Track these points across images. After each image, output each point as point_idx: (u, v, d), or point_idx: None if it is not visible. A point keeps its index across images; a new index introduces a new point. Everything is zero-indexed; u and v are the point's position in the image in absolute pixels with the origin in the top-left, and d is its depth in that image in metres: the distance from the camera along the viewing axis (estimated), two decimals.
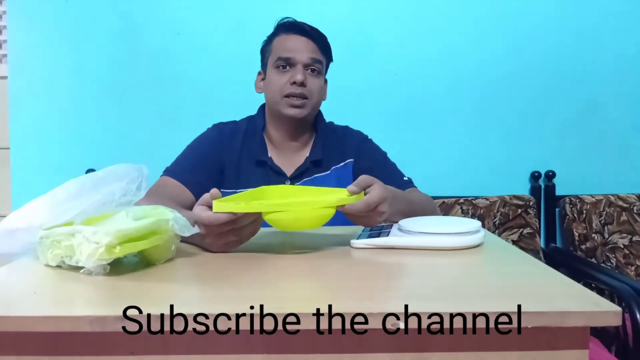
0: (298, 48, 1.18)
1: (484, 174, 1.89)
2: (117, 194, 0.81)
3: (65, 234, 0.71)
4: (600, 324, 0.54)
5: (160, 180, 1.17)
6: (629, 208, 1.80)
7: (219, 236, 0.79)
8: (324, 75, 1.26)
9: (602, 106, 1.90)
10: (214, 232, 0.79)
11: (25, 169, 1.88)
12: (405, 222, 0.90)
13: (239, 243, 0.83)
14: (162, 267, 0.76)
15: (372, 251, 0.84)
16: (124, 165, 0.86)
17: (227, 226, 0.78)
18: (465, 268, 0.77)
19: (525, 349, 0.57)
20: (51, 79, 1.88)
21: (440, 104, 1.89)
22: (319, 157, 1.23)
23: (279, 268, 0.77)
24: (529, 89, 1.89)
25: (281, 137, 1.25)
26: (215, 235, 0.79)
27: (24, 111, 1.88)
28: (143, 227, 0.73)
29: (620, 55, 1.88)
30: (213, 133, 1.25)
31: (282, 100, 1.18)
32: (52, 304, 0.63)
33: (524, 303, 0.54)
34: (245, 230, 0.81)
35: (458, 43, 1.88)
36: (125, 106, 1.89)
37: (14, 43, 1.88)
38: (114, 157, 1.78)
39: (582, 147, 1.90)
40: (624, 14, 1.88)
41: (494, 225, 1.78)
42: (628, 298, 1.24)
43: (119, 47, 1.88)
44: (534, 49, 1.88)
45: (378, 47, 1.88)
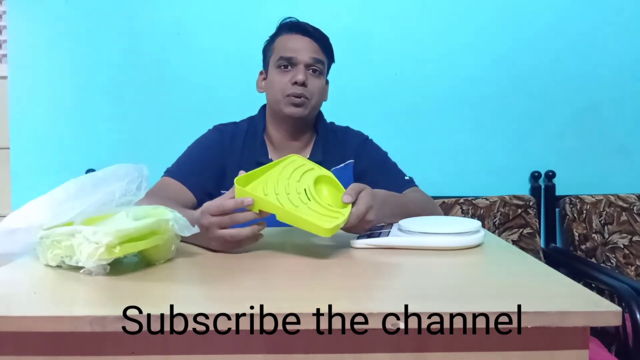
0: (300, 48, 1.18)
1: (484, 174, 1.89)
2: (117, 194, 0.81)
3: (65, 234, 0.71)
4: (600, 324, 0.55)
5: (161, 181, 1.17)
6: (629, 208, 1.80)
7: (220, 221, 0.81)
8: (326, 76, 1.26)
9: (602, 106, 1.89)
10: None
11: (25, 169, 1.88)
12: (405, 222, 0.90)
13: (238, 244, 0.83)
14: (162, 267, 0.76)
15: (372, 251, 0.84)
16: (124, 165, 0.86)
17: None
18: (465, 268, 0.77)
19: (525, 349, 0.57)
20: (51, 79, 1.88)
21: (441, 104, 1.89)
22: (319, 159, 1.23)
23: (279, 268, 0.77)
24: (529, 89, 1.89)
25: (282, 138, 1.25)
26: (217, 223, 0.81)
27: (24, 111, 1.88)
28: (143, 227, 0.73)
29: (620, 55, 1.88)
30: (214, 135, 1.25)
31: (284, 99, 1.18)
32: (52, 304, 0.63)
33: (524, 303, 0.54)
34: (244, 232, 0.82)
35: (458, 44, 1.88)
36: (125, 106, 1.89)
37: (14, 43, 1.88)
38: (114, 157, 1.78)
39: (582, 147, 1.90)
40: (624, 15, 1.87)
41: (494, 225, 1.78)
42: (628, 298, 1.24)
43: (119, 47, 1.88)
44: (534, 49, 1.88)
45: (378, 48, 1.88)
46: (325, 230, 0.79)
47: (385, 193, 0.99)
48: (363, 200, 0.85)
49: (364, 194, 0.87)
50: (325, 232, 0.79)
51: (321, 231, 0.79)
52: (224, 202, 0.82)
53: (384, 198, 0.96)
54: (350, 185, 0.88)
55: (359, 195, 0.86)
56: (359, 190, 0.87)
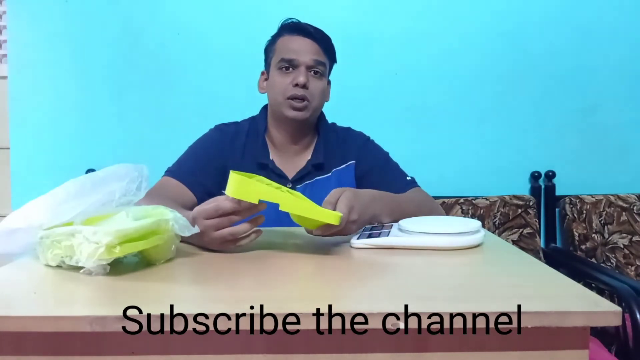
0: (301, 49, 1.18)
1: (484, 174, 1.89)
2: (117, 194, 0.81)
3: (65, 234, 0.71)
4: (600, 324, 0.55)
5: (161, 181, 1.17)
6: (629, 208, 1.80)
7: (218, 222, 0.81)
8: (327, 77, 1.26)
9: (602, 106, 1.90)
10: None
11: (25, 169, 1.88)
12: (405, 222, 0.90)
13: (238, 241, 0.83)
14: (162, 267, 0.76)
15: (372, 251, 0.84)
16: (124, 165, 0.86)
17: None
18: (465, 268, 0.77)
19: (525, 349, 0.57)
20: (51, 78, 1.88)
21: (441, 104, 1.89)
22: (320, 161, 1.23)
23: (279, 268, 0.77)
24: (529, 89, 1.89)
25: (283, 139, 1.25)
26: (214, 223, 0.81)
27: (24, 111, 1.88)
28: (143, 227, 0.73)
29: (620, 55, 1.88)
30: (215, 134, 1.25)
31: (285, 102, 1.18)
32: (52, 304, 0.63)
33: (524, 303, 0.54)
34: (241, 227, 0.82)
35: (458, 44, 1.88)
36: (125, 106, 1.89)
37: (14, 43, 1.88)
38: (114, 157, 1.79)
39: (582, 147, 1.90)
40: (624, 14, 1.87)
41: (494, 225, 1.78)
42: (628, 298, 1.24)
43: (119, 47, 1.88)
44: (535, 49, 1.88)
45: (378, 48, 1.88)
46: (334, 217, 0.79)
47: (373, 192, 0.99)
48: (343, 202, 0.85)
49: (342, 197, 0.87)
50: (334, 219, 0.79)
51: (331, 217, 0.79)
52: (221, 204, 0.81)
53: (373, 196, 0.96)
54: (330, 193, 0.88)
55: (338, 199, 0.86)
56: (337, 195, 0.87)
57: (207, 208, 0.82)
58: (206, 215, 0.81)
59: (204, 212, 0.82)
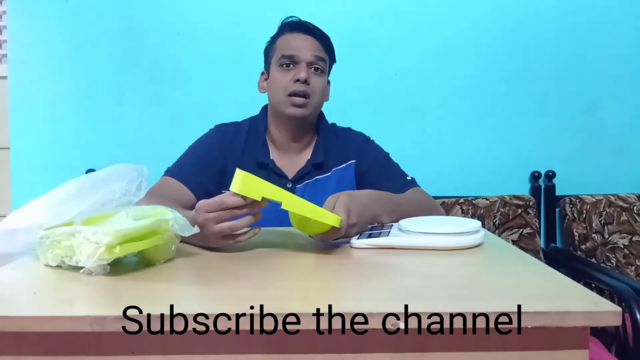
0: (302, 46, 1.19)
1: (484, 174, 1.89)
2: (117, 194, 0.81)
3: (65, 234, 0.71)
4: (600, 324, 0.55)
5: (161, 181, 1.17)
6: (629, 208, 1.80)
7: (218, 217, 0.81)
8: (327, 75, 1.26)
9: (602, 106, 1.89)
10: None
11: (25, 169, 1.88)
12: (405, 222, 0.90)
13: (237, 237, 0.83)
14: (162, 267, 0.76)
15: (372, 251, 0.84)
16: (124, 165, 0.86)
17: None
18: (465, 268, 0.77)
19: (525, 349, 0.57)
20: (51, 79, 1.88)
21: (440, 104, 1.89)
22: (320, 160, 1.23)
23: (279, 268, 0.77)
24: (529, 89, 1.89)
25: (283, 139, 1.25)
26: (215, 217, 0.81)
27: (24, 111, 1.88)
28: (143, 227, 0.73)
29: (620, 55, 1.88)
30: (215, 134, 1.25)
31: (286, 99, 1.18)
32: (52, 304, 0.63)
33: (524, 303, 0.54)
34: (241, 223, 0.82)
35: (458, 44, 1.88)
36: (125, 106, 1.89)
37: (14, 43, 1.88)
38: (114, 157, 1.79)
39: (582, 147, 1.90)
40: (624, 13, 1.87)
41: (494, 225, 1.78)
42: (628, 298, 1.24)
43: (119, 47, 1.88)
44: (534, 49, 1.88)
45: (378, 48, 1.88)
46: (335, 219, 0.81)
47: (371, 193, 0.99)
48: (340, 207, 0.86)
49: (339, 202, 0.87)
50: (335, 221, 0.81)
51: (331, 219, 0.80)
52: (225, 198, 0.81)
53: (371, 197, 0.97)
54: (325, 201, 0.89)
55: (334, 206, 0.87)
56: (334, 201, 0.88)
57: (211, 201, 0.82)
58: (208, 208, 0.81)
59: (206, 205, 0.82)
